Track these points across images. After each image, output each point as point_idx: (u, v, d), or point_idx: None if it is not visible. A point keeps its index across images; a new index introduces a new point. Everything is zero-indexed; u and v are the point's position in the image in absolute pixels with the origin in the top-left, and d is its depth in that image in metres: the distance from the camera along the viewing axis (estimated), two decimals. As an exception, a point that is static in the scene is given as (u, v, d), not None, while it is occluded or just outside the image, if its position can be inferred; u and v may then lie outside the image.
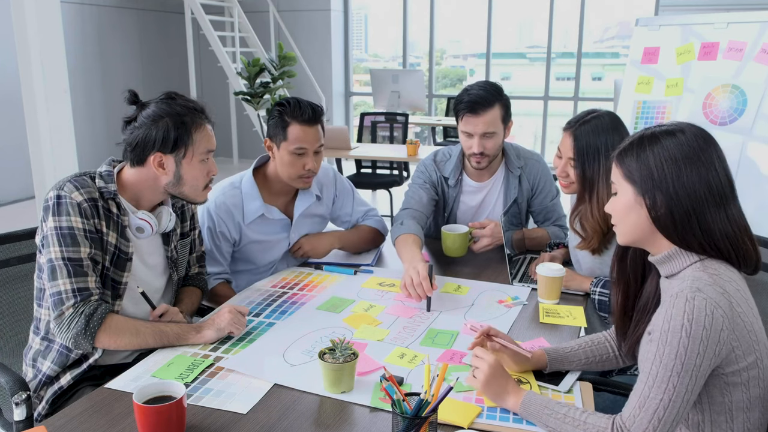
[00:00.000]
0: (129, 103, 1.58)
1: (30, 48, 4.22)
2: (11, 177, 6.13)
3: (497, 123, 2.12)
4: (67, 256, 1.44)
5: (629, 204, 1.19)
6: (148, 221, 1.58)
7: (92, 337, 1.45)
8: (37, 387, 1.54)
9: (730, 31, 2.73)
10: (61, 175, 4.44)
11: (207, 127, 1.59)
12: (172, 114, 1.53)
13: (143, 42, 7.77)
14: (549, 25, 7.53)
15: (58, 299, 1.44)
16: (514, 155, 2.31)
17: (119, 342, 1.48)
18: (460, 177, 2.31)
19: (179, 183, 1.58)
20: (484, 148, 2.13)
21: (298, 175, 1.97)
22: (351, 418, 1.24)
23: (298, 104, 1.93)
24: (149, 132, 1.52)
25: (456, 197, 2.33)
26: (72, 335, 1.44)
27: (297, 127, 1.92)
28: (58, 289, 1.44)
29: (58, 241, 1.44)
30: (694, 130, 1.17)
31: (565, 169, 1.87)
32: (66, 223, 1.45)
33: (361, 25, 9.36)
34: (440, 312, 1.76)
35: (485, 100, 2.08)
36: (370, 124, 5.89)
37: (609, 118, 1.82)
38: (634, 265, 1.30)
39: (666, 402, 1.07)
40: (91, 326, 1.44)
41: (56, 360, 1.52)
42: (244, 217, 2.01)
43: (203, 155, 1.59)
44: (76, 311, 1.44)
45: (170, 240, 1.71)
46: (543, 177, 2.34)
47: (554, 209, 2.37)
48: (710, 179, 1.12)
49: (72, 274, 1.44)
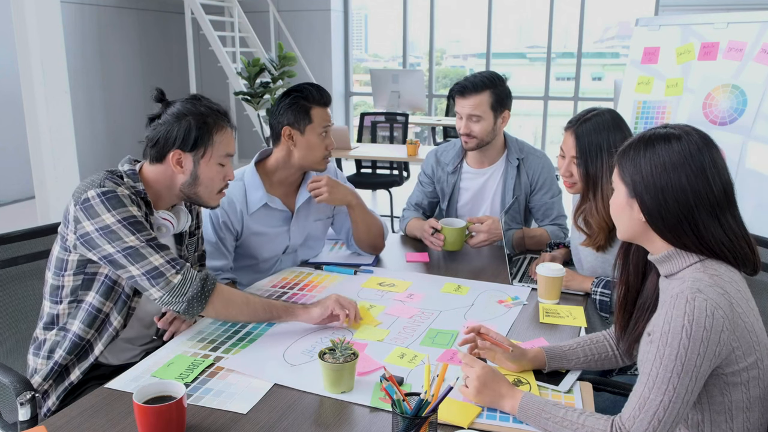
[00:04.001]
0: (155, 100, 1.60)
1: (30, 48, 4.22)
2: (11, 177, 6.13)
3: (484, 108, 2.27)
4: (145, 239, 1.46)
5: (622, 204, 1.21)
6: (170, 220, 1.61)
7: (206, 301, 1.49)
8: (47, 376, 1.54)
9: (730, 31, 2.73)
10: (61, 175, 4.46)
11: (228, 130, 1.61)
12: (196, 113, 1.55)
13: (143, 42, 7.76)
14: (549, 25, 7.53)
15: (156, 273, 1.46)
16: (516, 148, 2.41)
17: (230, 311, 1.54)
18: (459, 164, 2.46)
19: (195, 183, 1.59)
20: (470, 130, 2.30)
21: (323, 156, 2.05)
22: (351, 418, 1.24)
23: (316, 88, 2.02)
24: (171, 129, 1.54)
25: (455, 183, 2.46)
26: (187, 298, 1.47)
27: (319, 110, 2.00)
28: (152, 265, 1.46)
29: (129, 230, 1.45)
30: (691, 137, 1.16)
31: (569, 168, 1.87)
32: (127, 213, 1.46)
33: (361, 25, 9.36)
34: (440, 312, 1.76)
35: (474, 85, 2.27)
36: (370, 124, 5.89)
37: (610, 115, 1.83)
38: (636, 261, 1.31)
39: (666, 403, 1.07)
40: (206, 290, 1.49)
41: (68, 348, 1.54)
42: (247, 207, 2.02)
43: (222, 158, 1.61)
44: (185, 277, 1.47)
45: (183, 239, 1.73)
46: (544, 173, 2.38)
47: (554, 207, 2.40)
48: (699, 188, 1.12)
49: (159, 250, 1.48)
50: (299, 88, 2.01)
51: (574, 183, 1.88)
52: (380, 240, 2.23)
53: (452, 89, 2.32)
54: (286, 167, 2.05)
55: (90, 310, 1.54)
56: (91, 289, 1.54)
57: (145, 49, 7.79)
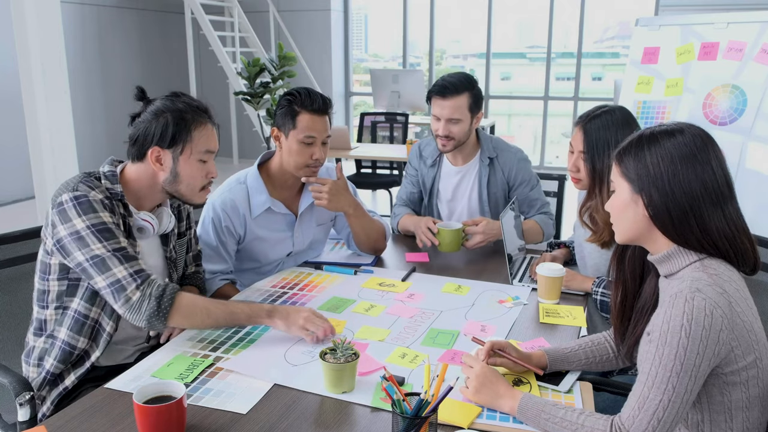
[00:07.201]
0: (136, 99, 1.60)
1: (30, 48, 4.22)
2: (11, 177, 6.13)
3: (464, 110, 2.27)
4: (111, 247, 1.45)
5: (626, 202, 1.20)
6: (150, 222, 1.59)
7: (165, 317, 1.46)
8: (41, 385, 1.54)
9: (730, 31, 2.73)
10: (61, 175, 4.45)
11: (208, 127, 1.59)
12: (174, 110, 1.54)
13: (143, 42, 7.76)
14: (549, 25, 7.53)
15: (118, 287, 1.44)
16: (489, 146, 2.43)
17: (192, 322, 1.52)
18: (438, 158, 2.49)
19: (175, 180, 1.58)
20: (449, 132, 2.30)
21: (305, 164, 1.97)
22: (351, 418, 1.24)
23: (308, 93, 1.95)
24: (149, 126, 1.54)
25: (435, 177, 2.50)
26: (145, 317, 1.44)
27: (307, 116, 1.93)
28: (115, 278, 1.44)
29: (96, 237, 1.44)
30: (693, 131, 1.18)
31: (576, 163, 1.88)
32: (97, 219, 1.45)
33: (361, 25, 9.36)
34: (441, 312, 1.76)
35: (454, 86, 2.26)
36: (370, 124, 5.89)
37: (620, 113, 1.84)
38: (632, 265, 1.31)
39: (665, 402, 1.07)
40: (163, 307, 1.46)
41: (59, 357, 1.53)
42: (250, 211, 2.01)
43: (202, 155, 1.58)
44: (143, 294, 1.45)
45: (169, 240, 1.71)
46: (518, 168, 2.42)
47: (536, 198, 2.45)
48: (706, 178, 1.13)
49: (124, 261, 1.45)
50: (294, 91, 1.97)
51: (580, 179, 1.89)
52: (381, 242, 2.23)
53: (431, 90, 2.31)
54: (282, 170, 2.03)
55: (77, 318, 1.53)
56: (76, 295, 1.53)
57: (145, 49, 7.79)
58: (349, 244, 2.27)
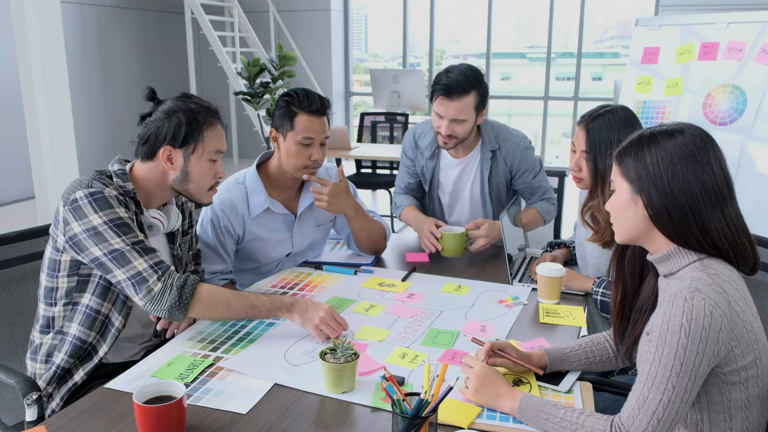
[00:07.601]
0: (147, 99, 1.62)
1: (30, 48, 4.22)
2: (11, 177, 6.13)
3: (469, 110, 2.16)
4: (130, 241, 1.46)
5: (625, 202, 1.20)
6: (160, 219, 1.61)
7: (185, 308, 1.48)
8: (51, 380, 1.55)
9: (730, 31, 2.74)
10: (61, 175, 4.45)
11: (218, 127, 1.62)
12: (186, 110, 1.56)
13: (143, 42, 7.76)
14: (549, 25, 7.53)
15: (140, 279, 1.46)
16: (491, 137, 2.32)
17: (213, 313, 1.54)
18: (437, 150, 2.38)
19: (185, 179, 1.60)
20: (453, 132, 2.18)
21: (303, 165, 1.97)
22: (351, 418, 1.24)
23: (306, 94, 1.94)
24: (161, 126, 1.56)
25: (434, 169, 2.40)
26: (167, 307, 1.46)
27: (305, 117, 1.92)
28: (136, 270, 1.46)
29: (115, 232, 1.45)
30: (693, 131, 1.18)
31: (578, 162, 1.88)
32: (114, 214, 1.47)
33: (361, 25, 9.36)
34: (441, 312, 1.76)
35: (461, 86, 2.11)
36: (370, 124, 5.89)
37: (623, 112, 1.84)
38: (632, 265, 1.31)
39: (665, 402, 1.07)
40: (184, 298, 1.48)
41: (70, 351, 1.54)
42: (249, 212, 2.01)
43: (212, 155, 1.61)
44: (164, 285, 1.47)
45: (175, 238, 1.73)
46: (521, 157, 2.35)
47: (540, 184, 2.40)
48: (706, 179, 1.13)
49: (144, 254, 1.47)
50: (292, 92, 1.96)
51: (582, 178, 1.89)
52: (381, 243, 2.23)
53: (435, 89, 2.15)
54: (281, 171, 2.03)
55: (88, 312, 1.54)
56: (86, 290, 1.54)
57: (145, 49, 7.79)
58: (349, 244, 2.27)
